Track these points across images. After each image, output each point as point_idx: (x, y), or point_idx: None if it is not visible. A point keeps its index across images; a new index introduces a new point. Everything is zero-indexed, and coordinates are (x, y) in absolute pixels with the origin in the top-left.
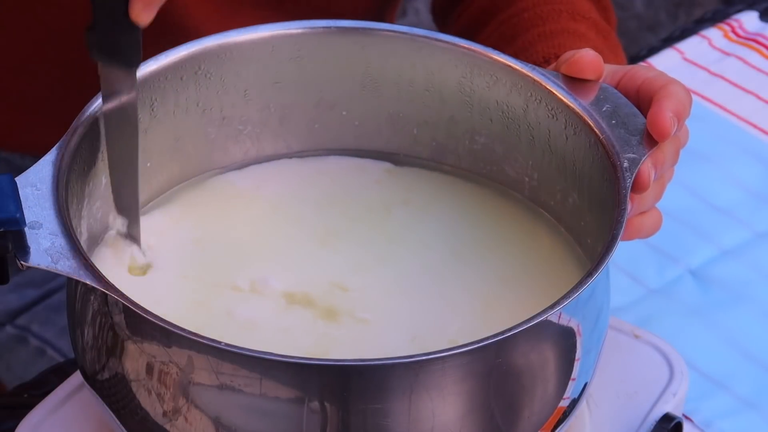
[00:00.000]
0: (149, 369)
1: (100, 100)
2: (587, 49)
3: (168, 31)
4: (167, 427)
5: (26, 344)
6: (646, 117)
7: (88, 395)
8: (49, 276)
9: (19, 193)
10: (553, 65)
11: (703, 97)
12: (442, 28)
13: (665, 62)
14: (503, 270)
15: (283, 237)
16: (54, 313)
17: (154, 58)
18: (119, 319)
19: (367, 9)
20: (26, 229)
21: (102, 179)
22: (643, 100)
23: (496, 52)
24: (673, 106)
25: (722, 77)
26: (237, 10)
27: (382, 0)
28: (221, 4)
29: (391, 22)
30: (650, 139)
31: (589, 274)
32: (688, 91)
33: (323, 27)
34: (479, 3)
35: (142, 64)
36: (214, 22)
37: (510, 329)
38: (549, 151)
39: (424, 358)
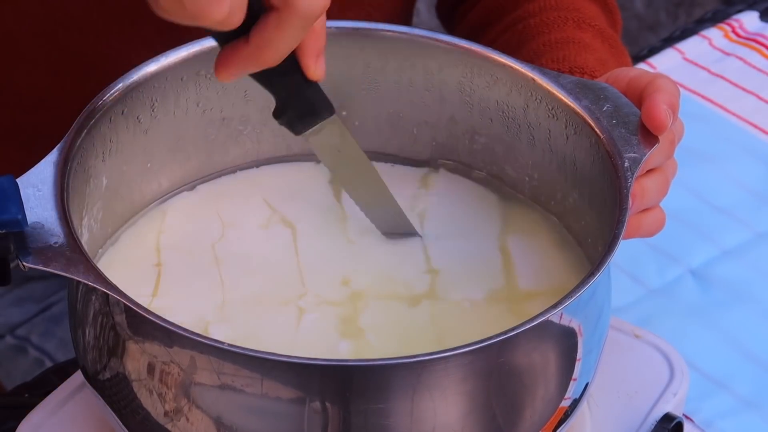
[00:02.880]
0: (151, 369)
1: (99, 101)
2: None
3: (176, 31)
4: (169, 427)
5: (25, 354)
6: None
7: (89, 395)
8: (49, 290)
9: (21, 194)
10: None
11: (703, 97)
12: (447, 27)
13: (665, 62)
14: (504, 270)
15: (311, 233)
16: (53, 325)
17: (154, 59)
18: (120, 319)
19: (401, 18)
20: (28, 230)
21: (103, 180)
22: (631, 98)
23: (496, 52)
24: (666, 98)
25: (722, 77)
26: None
27: (407, 6)
28: None
29: (408, 24)
30: (647, 135)
31: (591, 275)
32: (675, 83)
33: None
34: (484, 4)
35: (143, 64)
36: None
37: (512, 329)
38: (549, 150)
39: (426, 358)
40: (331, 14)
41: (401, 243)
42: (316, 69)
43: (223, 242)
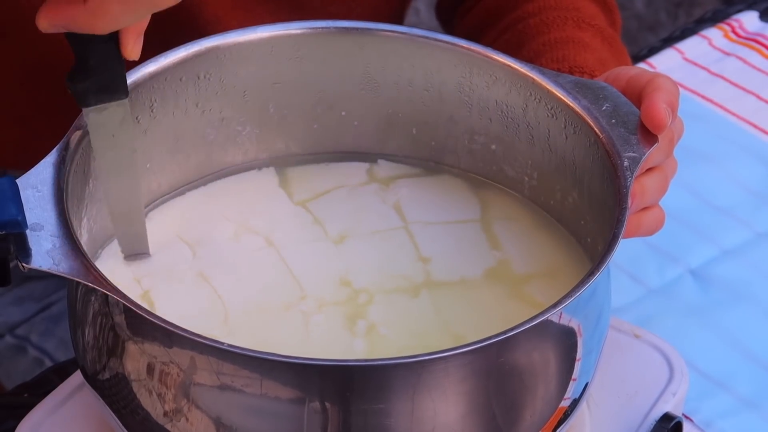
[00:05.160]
0: (150, 369)
1: None
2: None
3: (182, 28)
4: (168, 427)
5: (25, 354)
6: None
7: (89, 395)
8: (49, 290)
9: (21, 195)
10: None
11: (703, 97)
12: (447, 28)
13: (665, 62)
14: (503, 270)
15: (290, 238)
16: (53, 324)
17: (153, 59)
18: (120, 319)
19: (390, 15)
20: (28, 231)
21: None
22: (630, 97)
23: (496, 51)
24: (665, 97)
25: (722, 77)
26: (252, 10)
27: (398, 4)
28: (240, 5)
29: (401, 23)
30: (646, 134)
31: (591, 274)
32: (674, 83)
33: (323, 27)
34: (484, 5)
35: (142, 65)
36: (233, 22)
37: (512, 329)
38: (549, 150)
39: (426, 358)
40: (312, 7)
41: (385, 237)
42: (133, 48)
43: (200, 259)
